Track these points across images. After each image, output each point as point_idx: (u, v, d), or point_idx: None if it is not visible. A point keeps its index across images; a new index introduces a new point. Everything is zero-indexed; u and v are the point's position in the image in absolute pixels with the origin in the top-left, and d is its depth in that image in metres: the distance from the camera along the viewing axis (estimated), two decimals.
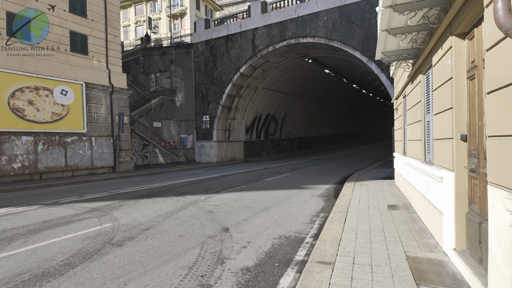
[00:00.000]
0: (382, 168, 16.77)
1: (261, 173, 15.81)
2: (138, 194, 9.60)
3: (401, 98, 9.51)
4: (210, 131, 25.88)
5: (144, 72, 28.67)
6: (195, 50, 26.83)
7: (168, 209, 7.35)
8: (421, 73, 6.06)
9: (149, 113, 25.53)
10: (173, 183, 12.31)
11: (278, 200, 8.53)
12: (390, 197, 8.62)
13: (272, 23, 22.54)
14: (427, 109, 5.84)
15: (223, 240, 5.03)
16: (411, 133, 7.31)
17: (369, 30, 18.75)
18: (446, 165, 4.21)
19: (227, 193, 9.64)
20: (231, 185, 11.27)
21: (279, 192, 9.82)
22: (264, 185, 11.30)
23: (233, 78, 24.67)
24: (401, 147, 9.59)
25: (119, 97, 19.09)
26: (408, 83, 7.61)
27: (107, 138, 18.04)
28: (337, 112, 47.62)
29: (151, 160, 23.59)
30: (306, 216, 6.78)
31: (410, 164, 7.30)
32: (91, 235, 5.38)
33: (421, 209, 6.05)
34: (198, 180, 12.95)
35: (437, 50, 4.58)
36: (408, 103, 7.81)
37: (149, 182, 13.07)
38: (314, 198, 8.98)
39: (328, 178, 13.51)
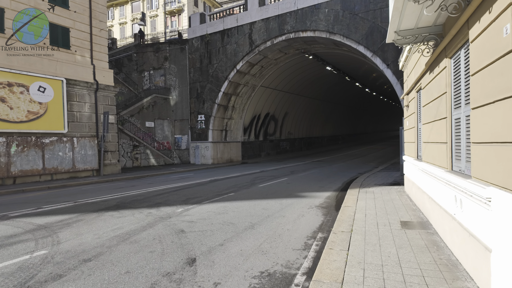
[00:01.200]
0: (388, 172, 15.37)
1: (255, 177, 14.46)
2: (106, 205, 8.27)
3: (413, 93, 8.13)
4: (205, 131, 24.56)
5: (137, 70, 27.44)
6: (190, 46, 25.53)
7: (130, 227, 6.02)
8: (447, 56, 4.69)
9: (141, 112, 24.25)
10: (154, 189, 10.98)
11: (268, 213, 7.18)
12: (401, 210, 7.24)
13: (270, 16, 21.20)
14: (456, 103, 4.47)
15: (181, 280, 3.69)
16: (430, 133, 5.93)
17: (373, 23, 17.37)
18: (501, 183, 2.84)
19: (210, 203, 8.30)
20: (218, 193, 9.92)
21: (271, 202, 8.47)
22: (256, 193, 9.95)
23: (229, 75, 23.34)
24: (414, 150, 8.21)
25: (105, 95, 17.81)
26: (425, 73, 6.23)
27: (91, 138, 16.76)
28: (340, 112, 46.16)
29: (142, 162, 22.31)
30: (299, 238, 5.43)
31: (428, 172, 5.92)
32: (7, 270, 4.06)
33: (447, 232, 4.67)
34: (184, 186, 11.61)
35: (481, 15, 3.21)
36: (424, 98, 6.43)
37: (128, 188, 11.75)
38: (312, 210, 7.62)
39: (329, 184, 12.14)
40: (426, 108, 6.29)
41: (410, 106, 8.77)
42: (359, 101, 48.24)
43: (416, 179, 7.69)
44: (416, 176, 7.67)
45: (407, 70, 9.04)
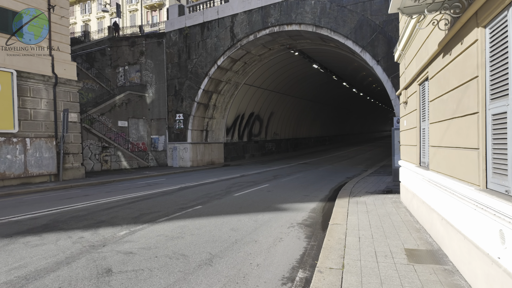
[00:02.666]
0: (378, 176, 14.11)
1: (233, 183, 12.88)
2: (30, 226, 6.48)
3: (414, 86, 6.76)
4: (184, 132, 22.79)
5: (111, 65, 25.40)
6: (167, 40, 23.71)
7: (39, 265, 4.33)
8: (480, 25, 3.27)
9: (113, 111, 22.26)
10: (107, 201, 9.20)
11: (237, 236, 5.62)
12: (403, 230, 5.83)
13: (253, 8, 19.69)
14: (495, 91, 3.05)
15: None
16: (445, 135, 4.53)
17: (363, 16, 16.12)
18: None
19: (167, 221, 6.66)
20: (183, 205, 8.28)
21: (244, 218, 6.91)
22: (228, 205, 8.37)
23: (210, 71, 21.69)
24: (415, 155, 6.83)
25: (67, 90, 15.84)
26: (437, 57, 4.83)
27: (49, 139, 14.77)
28: (327, 112, 45.13)
29: (112, 165, 20.34)
30: (272, 280, 3.90)
31: (442, 186, 4.52)
32: None
33: (481, 278, 3.24)
34: (145, 196, 9.87)
35: None
36: (435, 89, 5.04)
37: (79, 198, 9.92)
38: (293, 230, 6.12)
39: (315, 192, 10.70)
40: (437, 102, 4.88)
41: (409, 103, 7.40)
42: (346, 102, 47.39)
43: (419, 191, 6.31)
44: (418, 187, 6.29)
45: (406, 60, 7.68)
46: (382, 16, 15.55)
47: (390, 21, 15.32)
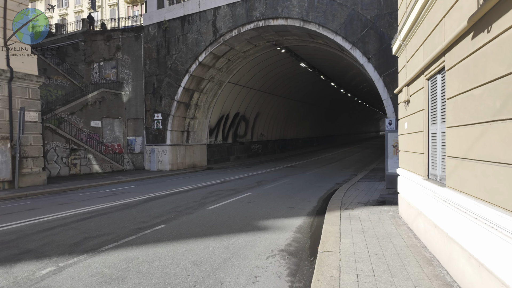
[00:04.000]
0: (370, 182, 13.02)
1: (211, 191, 11.48)
2: None
3: (420, 82, 5.58)
4: (163, 132, 21.21)
5: (85, 61, 23.52)
6: (145, 34, 22.08)
7: None
8: None
9: (85, 110, 20.46)
10: (50, 218, 7.58)
11: (198, 275, 4.26)
12: (411, 262, 4.61)
13: (237, 1, 18.37)
14: None
15: None
16: (476, 144, 3.31)
17: (353, 10, 15.04)
18: None
19: (112, 250, 5.20)
20: (141, 225, 6.81)
21: (213, 244, 5.55)
22: (197, 224, 6.99)
23: (191, 68, 20.20)
24: (421, 165, 5.64)
25: (25, 86, 14.07)
26: (463, 38, 3.61)
27: (2, 141, 13.00)
28: (315, 113, 44.22)
29: (82, 169, 18.56)
30: None
31: (475, 214, 3.31)
32: None
33: None
34: (100, 211, 8.30)
35: None
36: (459, 81, 3.82)
37: (21, 214, 8.29)
38: (273, 263, 4.81)
39: (302, 202, 9.44)
40: (463, 99, 3.66)
41: (413, 101, 6.22)
42: (334, 103, 46.65)
43: (427, 210, 5.11)
44: (427, 205, 5.10)
45: (408, 52, 6.50)
46: (374, 10, 14.49)
47: (382, 15, 14.29)
